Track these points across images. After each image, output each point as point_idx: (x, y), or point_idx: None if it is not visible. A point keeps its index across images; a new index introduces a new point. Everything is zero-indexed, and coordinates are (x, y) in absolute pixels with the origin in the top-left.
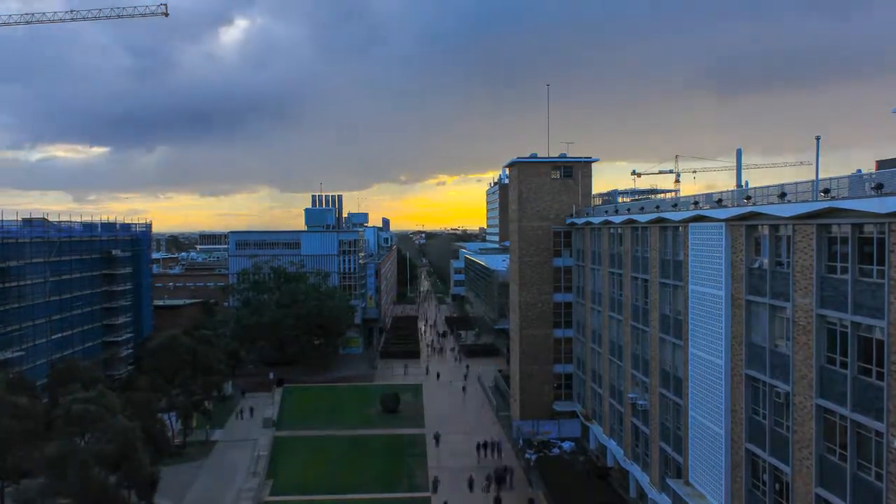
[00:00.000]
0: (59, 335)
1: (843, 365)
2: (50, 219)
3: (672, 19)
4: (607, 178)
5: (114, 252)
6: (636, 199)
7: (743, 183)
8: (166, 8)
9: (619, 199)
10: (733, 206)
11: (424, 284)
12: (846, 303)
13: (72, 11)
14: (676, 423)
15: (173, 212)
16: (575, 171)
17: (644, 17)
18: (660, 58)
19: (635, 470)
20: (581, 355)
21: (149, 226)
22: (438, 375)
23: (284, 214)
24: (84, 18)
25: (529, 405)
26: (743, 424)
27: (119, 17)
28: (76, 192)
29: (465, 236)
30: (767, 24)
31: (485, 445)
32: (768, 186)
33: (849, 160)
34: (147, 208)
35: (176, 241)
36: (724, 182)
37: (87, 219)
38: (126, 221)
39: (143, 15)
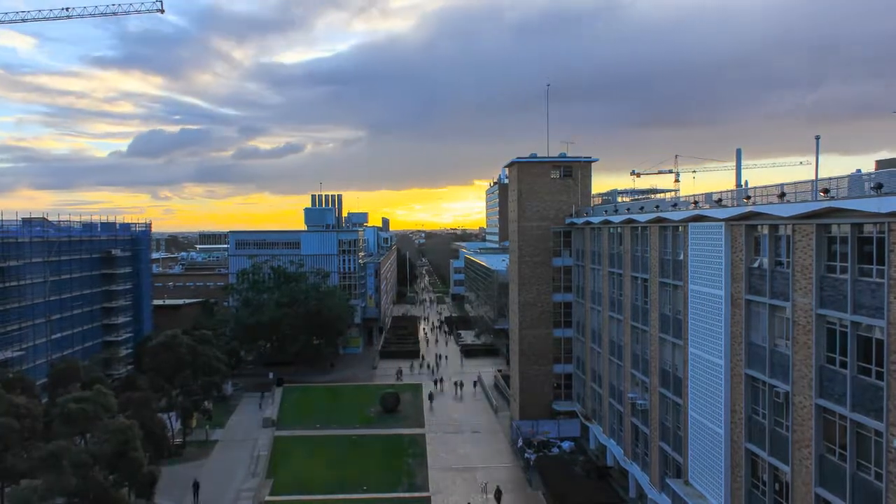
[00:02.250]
0: (59, 335)
1: (843, 365)
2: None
3: None
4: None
5: (113, 252)
6: (636, 199)
7: (743, 183)
8: (161, 4)
9: (619, 199)
10: (733, 206)
11: (424, 283)
12: (846, 302)
13: (67, 9)
14: (676, 422)
15: None
16: (575, 170)
17: None
18: None
19: (635, 470)
20: (581, 355)
21: (148, 226)
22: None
23: None
24: (80, 16)
25: (529, 405)
26: (743, 424)
27: (115, 14)
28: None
29: (465, 236)
30: None
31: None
32: (768, 186)
33: None
34: None
35: (175, 241)
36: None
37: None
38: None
39: (139, 12)
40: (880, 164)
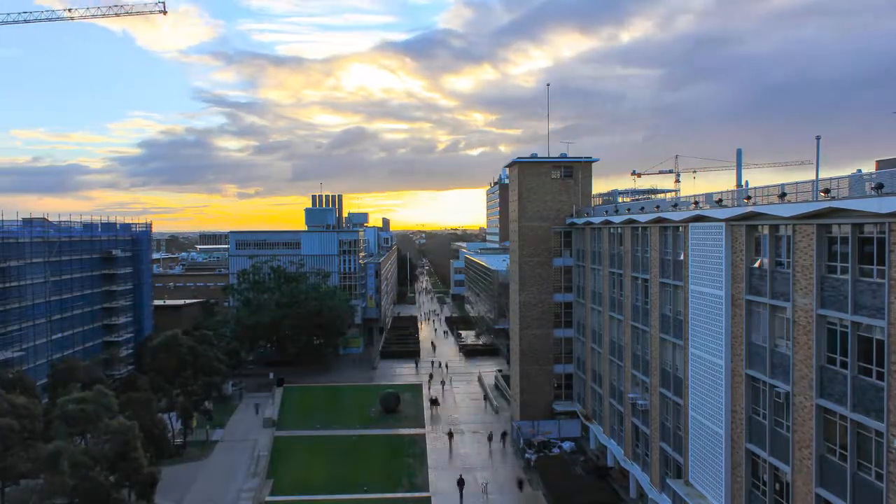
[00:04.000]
0: (60, 335)
1: (844, 365)
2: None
3: None
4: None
5: (114, 252)
6: (636, 199)
7: (743, 183)
8: (164, 6)
9: (619, 199)
10: (733, 206)
11: (425, 284)
12: (846, 303)
13: (69, 10)
14: (677, 423)
15: None
16: (575, 171)
17: None
18: None
19: (635, 470)
20: (581, 355)
21: (149, 226)
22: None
23: None
24: (82, 17)
25: (529, 405)
26: (743, 424)
27: (117, 14)
28: None
29: (465, 236)
30: None
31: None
32: (768, 186)
33: None
34: None
35: (175, 241)
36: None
37: None
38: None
39: (141, 13)
40: (881, 164)
